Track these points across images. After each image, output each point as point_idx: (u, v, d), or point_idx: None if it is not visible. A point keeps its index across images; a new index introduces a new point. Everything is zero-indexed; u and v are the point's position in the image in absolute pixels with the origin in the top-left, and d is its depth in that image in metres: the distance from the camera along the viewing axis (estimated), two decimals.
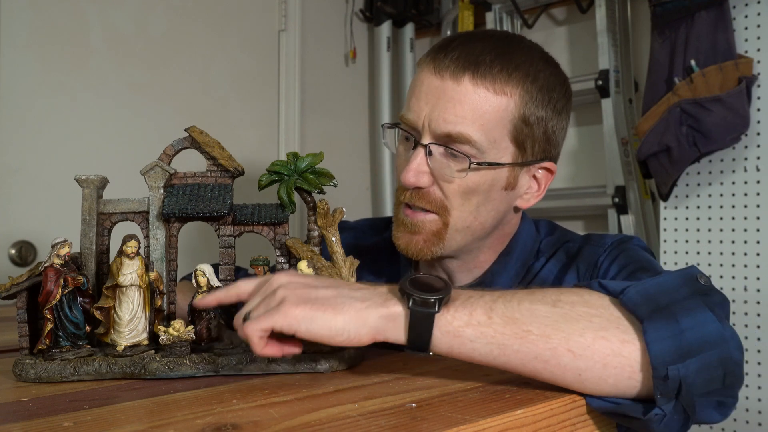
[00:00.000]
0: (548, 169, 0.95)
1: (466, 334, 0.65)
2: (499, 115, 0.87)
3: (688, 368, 0.61)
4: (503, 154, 0.89)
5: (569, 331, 0.64)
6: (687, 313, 0.63)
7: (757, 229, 1.63)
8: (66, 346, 0.71)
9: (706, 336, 0.63)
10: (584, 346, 0.63)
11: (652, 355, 0.61)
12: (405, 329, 0.65)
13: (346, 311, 0.65)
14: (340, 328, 0.65)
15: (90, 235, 0.77)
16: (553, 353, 0.63)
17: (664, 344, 0.62)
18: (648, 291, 0.66)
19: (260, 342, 0.66)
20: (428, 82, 0.89)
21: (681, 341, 0.62)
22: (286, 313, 0.64)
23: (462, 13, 2.25)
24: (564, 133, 0.96)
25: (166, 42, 1.99)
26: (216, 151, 0.80)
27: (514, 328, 0.64)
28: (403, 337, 0.66)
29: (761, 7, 1.62)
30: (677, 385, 0.61)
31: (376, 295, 0.67)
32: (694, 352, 0.61)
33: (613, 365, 0.63)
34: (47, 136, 1.75)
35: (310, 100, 2.32)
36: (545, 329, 0.64)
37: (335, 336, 0.65)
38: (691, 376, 0.61)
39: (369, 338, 0.66)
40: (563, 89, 0.94)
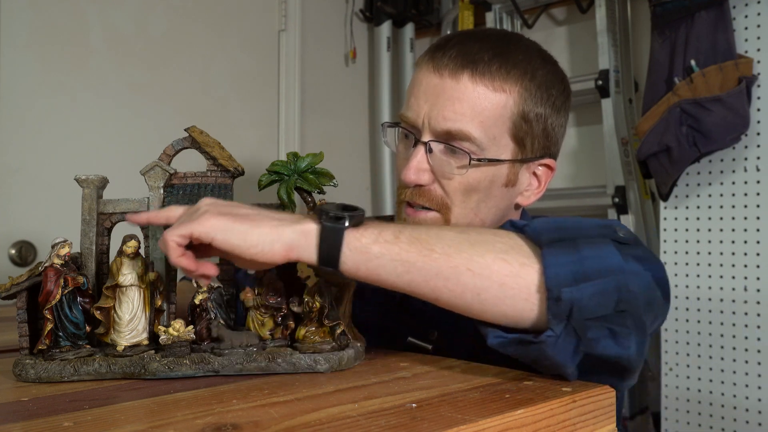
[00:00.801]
0: (548, 166, 0.95)
1: (372, 250, 0.67)
2: (498, 112, 0.88)
3: (582, 292, 0.64)
4: (503, 151, 0.90)
5: (471, 252, 0.67)
6: (590, 246, 0.67)
7: (757, 229, 1.63)
8: (66, 346, 0.71)
9: (606, 266, 0.66)
10: (484, 266, 0.66)
11: (547, 276, 0.64)
12: (316, 245, 0.67)
13: (262, 225, 0.67)
14: (255, 240, 0.66)
15: (90, 235, 0.77)
16: (454, 271, 0.66)
17: (560, 269, 0.65)
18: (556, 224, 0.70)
19: (176, 249, 0.67)
20: (427, 81, 0.90)
21: (578, 267, 0.65)
22: (204, 221, 0.66)
23: (462, 13, 2.25)
24: (563, 130, 0.97)
25: (166, 42, 1.99)
26: (216, 151, 0.79)
27: (419, 247, 0.67)
28: (314, 254, 0.68)
29: (761, 7, 1.62)
30: (569, 307, 0.64)
31: (294, 217, 0.70)
32: (590, 277, 0.64)
33: (510, 286, 0.66)
34: (47, 136, 1.75)
35: (310, 100, 2.32)
36: (448, 249, 0.67)
37: (249, 248, 0.66)
38: (584, 300, 0.64)
39: (282, 253, 0.67)
40: (562, 86, 0.95)
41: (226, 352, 0.72)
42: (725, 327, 1.67)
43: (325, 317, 0.74)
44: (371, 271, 0.68)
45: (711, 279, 1.70)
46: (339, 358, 0.73)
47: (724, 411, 1.66)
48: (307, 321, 0.74)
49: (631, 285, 0.66)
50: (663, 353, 1.77)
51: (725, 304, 1.67)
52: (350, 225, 0.67)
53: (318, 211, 0.68)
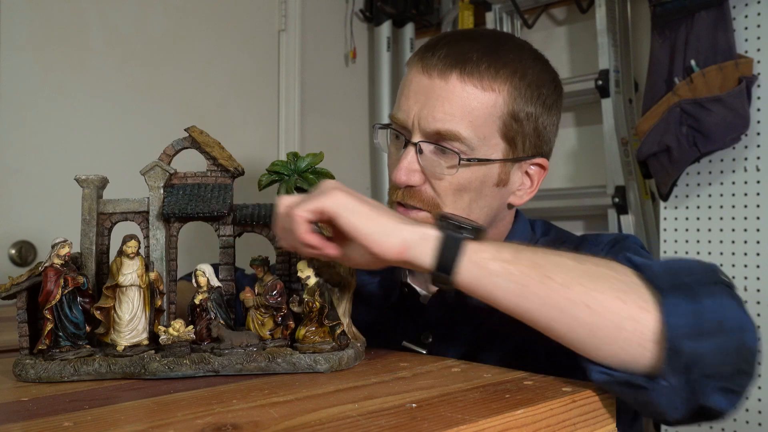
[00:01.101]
0: (540, 165, 0.95)
1: (491, 267, 0.66)
2: (487, 111, 0.88)
3: (703, 347, 0.61)
4: (493, 151, 0.90)
5: (590, 286, 0.64)
6: (709, 295, 0.64)
7: (757, 229, 1.63)
8: (66, 346, 0.71)
9: (727, 320, 0.63)
10: (601, 304, 0.64)
11: (668, 326, 0.61)
12: (434, 250, 0.67)
13: (386, 218, 0.68)
14: (376, 229, 0.67)
15: (90, 235, 0.77)
16: (570, 304, 0.64)
17: (681, 319, 0.62)
18: (672, 267, 0.67)
19: (305, 224, 0.68)
20: (417, 81, 0.90)
21: (699, 319, 0.62)
22: (334, 196, 0.67)
23: (462, 13, 2.25)
24: (555, 129, 0.97)
25: (166, 42, 1.99)
26: (216, 151, 0.80)
27: (538, 272, 0.65)
28: (430, 258, 0.67)
29: (761, 7, 1.62)
30: (688, 361, 0.61)
31: (415, 220, 0.71)
32: (712, 332, 0.61)
33: (626, 329, 0.63)
34: (47, 136, 1.75)
35: (310, 100, 2.32)
36: (567, 280, 0.65)
37: (369, 234, 0.67)
38: (705, 355, 0.61)
39: (396, 249, 0.67)
40: (553, 85, 0.95)
41: (226, 352, 0.72)
42: None
43: (325, 317, 0.74)
44: (485, 287, 0.67)
45: None
46: (339, 358, 0.73)
47: None
48: (307, 321, 0.74)
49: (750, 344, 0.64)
50: None
51: None
52: (471, 237, 0.67)
53: (440, 218, 0.68)
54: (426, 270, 0.68)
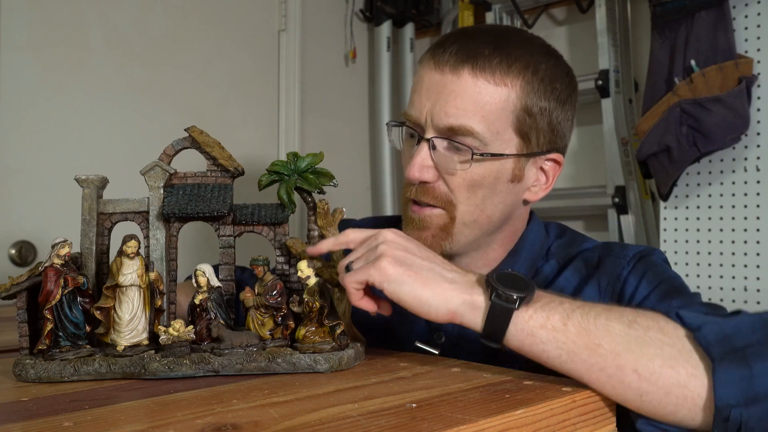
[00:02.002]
0: (556, 161, 0.94)
1: (539, 335, 0.67)
2: (500, 106, 0.87)
3: (751, 414, 0.61)
4: (507, 146, 0.89)
5: (639, 353, 0.65)
6: (761, 359, 0.64)
7: (757, 229, 1.63)
8: (66, 346, 0.71)
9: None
10: (651, 371, 0.64)
11: (717, 395, 0.62)
12: (482, 319, 0.68)
13: (434, 287, 0.70)
14: (423, 300, 0.69)
15: (90, 235, 0.77)
16: (619, 370, 0.65)
17: (731, 387, 0.62)
18: (724, 331, 0.66)
19: (357, 293, 0.73)
20: (429, 78, 0.90)
21: (749, 386, 0.62)
22: (382, 269, 0.70)
23: (462, 13, 2.25)
24: (570, 124, 0.96)
25: (166, 42, 1.99)
26: (216, 151, 0.80)
27: (587, 339, 0.66)
28: (479, 327, 0.69)
29: (761, 7, 1.62)
30: (737, 429, 0.62)
31: (465, 282, 0.71)
32: (761, 399, 0.62)
33: (675, 395, 0.64)
34: (47, 136, 1.75)
35: (310, 100, 2.32)
36: (616, 347, 0.65)
37: (417, 306, 0.70)
38: (753, 422, 0.61)
39: (446, 318, 0.70)
40: (567, 80, 0.94)
41: (226, 352, 0.72)
42: None
43: (325, 317, 0.74)
44: (535, 353, 0.68)
45: (711, 279, 1.70)
46: (339, 358, 0.73)
47: None
48: (307, 321, 0.74)
49: None
50: None
51: (725, 304, 1.67)
52: (520, 306, 0.67)
53: (489, 285, 0.69)
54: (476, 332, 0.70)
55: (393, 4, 2.39)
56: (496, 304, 0.67)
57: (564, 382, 0.67)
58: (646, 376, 0.64)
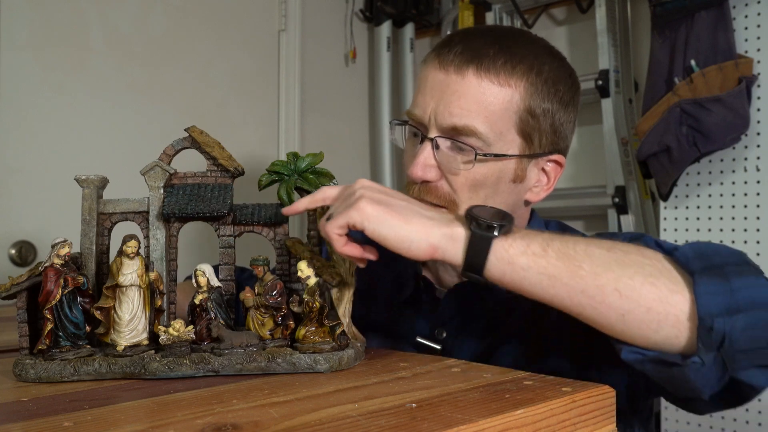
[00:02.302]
0: (557, 162, 0.95)
1: (520, 262, 0.68)
2: (504, 106, 0.88)
3: (735, 323, 0.62)
4: (510, 146, 0.89)
5: (619, 272, 0.66)
6: (739, 275, 0.65)
7: (757, 229, 1.63)
8: (66, 346, 0.71)
9: (758, 297, 0.64)
10: (631, 288, 0.65)
11: (700, 305, 0.63)
12: (463, 250, 0.69)
13: (413, 223, 0.70)
14: (404, 237, 0.69)
15: (90, 235, 0.77)
16: (600, 291, 0.65)
17: (713, 298, 0.63)
18: (702, 250, 0.68)
19: (339, 239, 0.72)
20: (433, 77, 0.90)
21: (731, 298, 0.63)
22: (361, 209, 0.70)
23: (462, 13, 2.25)
24: (572, 126, 0.96)
25: (166, 42, 1.99)
26: (216, 151, 0.80)
27: (567, 263, 0.67)
28: (460, 258, 0.69)
29: (761, 7, 1.62)
30: (720, 338, 0.62)
31: (444, 218, 0.72)
32: (743, 309, 0.63)
33: (657, 311, 0.64)
34: (47, 136, 1.75)
35: (310, 100, 2.32)
36: (596, 268, 0.66)
37: (398, 243, 0.69)
38: (737, 332, 0.62)
39: (427, 253, 0.69)
40: (570, 82, 0.94)
41: (226, 352, 0.72)
42: None
43: (325, 317, 0.74)
44: (515, 281, 0.68)
45: None
46: (339, 358, 0.73)
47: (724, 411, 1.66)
48: (307, 321, 0.74)
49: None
50: None
51: None
52: (499, 234, 0.68)
53: (468, 216, 0.69)
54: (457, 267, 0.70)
55: (393, 4, 2.39)
56: (476, 233, 0.68)
57: (564, 382, 0.67)
58: (627, 294, 0.65)
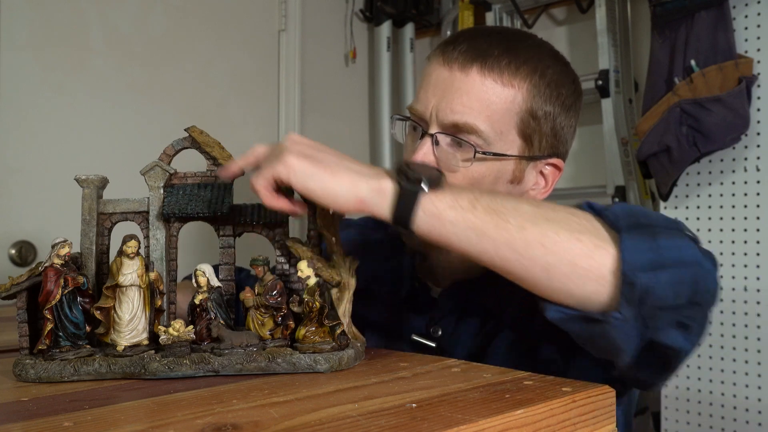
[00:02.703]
0: (556, 166, 0.95)
1: (447, 216, 0.67)
2: (506, 106, 0.88)
3: (658, 279, 0.63)
4: (510, 147, 0.90)
5: (545, 227, 0.66)
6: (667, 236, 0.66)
7: (757, 229, 1.63)
8: (66, 346, 0.71)
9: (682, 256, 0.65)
10: (556, 243, 0.65)
11: (624, 260, 0.63)
12: (391, 204, 0.68)
13: (341, 176, 0.69)
14: (331, 190, 0.68)
15: (90, 235, 0.77)
16: (525, 244, 0.66)
17: (637, 254, 0.63)
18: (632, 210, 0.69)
19: (267, 194, 0.71)
20: (437, 74, 0.90)
21: (655, 254, 0.64)
22: (287, 162, 0.69)
23: (462, 13, 2.25)
24: (573, 130, 0.97)
25: (166, 42, 1.99)
26: (216, 151, 0.80)
27: (495, 217, 0.67)
28: (387, 212, 0.69)
29: (761, 7, 1.62)
30: (642, 293, 0.62)
31: (372, 171, 0.71)
32: (666, 266, 0.63)
33: (581, 266, 0.65)
34: (47, 136, 1.75)
35: (310, 100, 2.32)
36: (523, 222, 0.66)
37: (325, 196, 0.69)
38: (659, 288, 0.63)
39: (354, 205, 0.69)
40: (572, 87, 0.95)
41: (226, 352, 0.72)
42: (725, 327, 1.67)
43: (325, 317, 0.74)
44: (443, 236, 0.68)
45: None
46: (339, 358, 0.73)
47: (724, 411, 1.66)
48: (307, 321, 0.74)
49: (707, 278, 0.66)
50: None
51: (725, 304, 1.67)
52: (428, 189, 0.68)
53: (397, 170, 0.69)
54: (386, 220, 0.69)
55: (393, 4, 2.39)
56: (404, 187, 0.68)
57: (564, 382, 0.67)
58: (551, 248, 0.65)
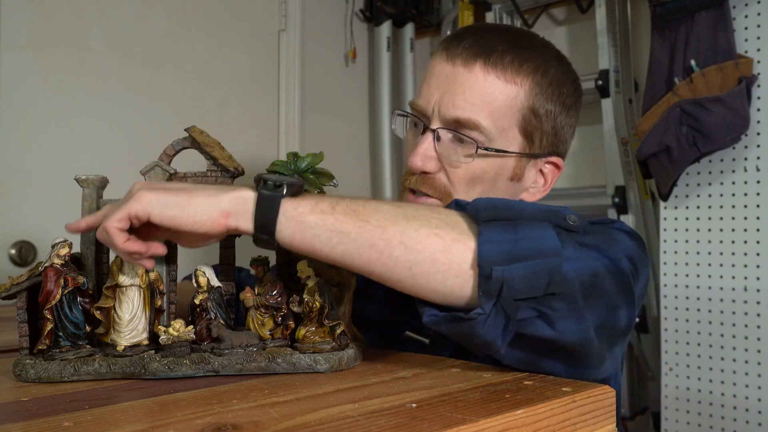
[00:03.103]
0: (555, 165, 0.95)
1: (308, 220, 0.67)
2: (508, 103, 0.88)
3: (513, 271, 0.63)
4: (511, 144, 0.90)
5: (405, 226, 0.66)
6: (528, 227, 0.66)
7: (757, 229, 1.63)
8: (66, 346, 0.71)
9: (541, 248, 0.65)
10: (417, 240, 0.65)
11: (479, 254, 0.63)
12: (251, 213, 0.67)
13: (198, 196, 0.67)
14: (192, 210, 0.66)
15: (90, 235, 0.77)
16: (386, 244, 0.66)
17: (494, 246, 0.64)
18: (496, 204, 0.69)
19: (120, 235, 0.66)
20: (440, 69, 0.90)
21: (513, 247, 0.64)
22: (140, 197, 0.66)
23: (462, 13, 2.25)
24: (573, 130, 0.97)
25: (166, 42, 1.99)
26: (216, 151, 0.79)
27: (355, 219, 0.66)
28: (250, 222, 0.67)
29: (761, 7, 1.62)
30: (499, 286, 0.63)
31: (231, 186, 0.70)
32: (522, 258, 0.63)
33: (441, 261, 0.65)
34: (47, 136, 1.75)
35: (310, 100, 2.32)
36: (383, 222, 0.66)
37: (187, 218, 0.66)
38: (514, 280, 0.63)
39: (220, 221, 0.67)
40: (573, 86, 0.95)
41: (226, 352, 0.72)
42: (725, 327, 1.67)
43: (325, 317, 0.74)
44: (306, 241, 0.67)
45: (711, 279, 1.70)
46: (339, 358, 0.73)
47: (724, 411, 1.66)
48: (307, 321, 0.74)
49: (564, 269, 0.65)
50: (663, 353, 1.77)
51: (725, 304, 1.67)
52: (287, 194, 0.67)
53: (256, 179, 0.68)
54: (250, 234, 0.68)
55: (393, 4, 2.39)
56: (263, 194, 0.67)
57: (564, 382, 0.67)
58: (411, 246, 0.65)
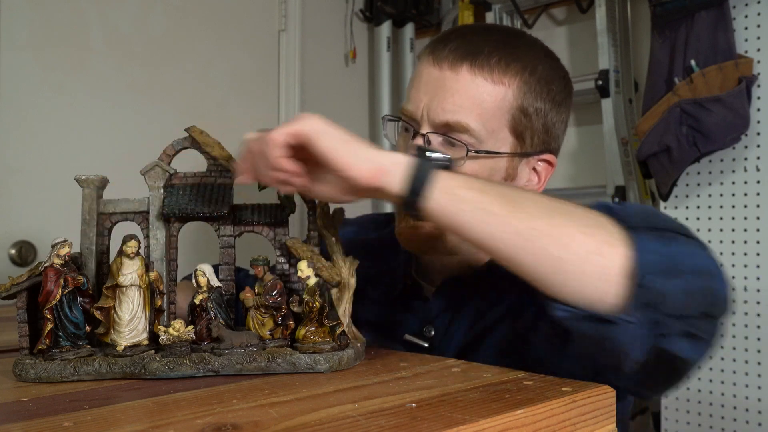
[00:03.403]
0: (548, 162, 0.95)
1: (460, 194, 0.66)
2: (497, 104, 0.88)
3: (670, 286, 0.61)
4: (502, 144, 0.89)
5: (557, 219, 0.65)
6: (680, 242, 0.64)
7: (757, 229, 1.63)
8: (66, 346, 0.71)
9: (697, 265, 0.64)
10: (567, 236, 0.64)
11: (638, 262, 0.61)
12: (405, 176, 0.67)
13: (363, 145, 0.69)
14: (352, 150, 0.67)
15: (90, 235, 0.77)
16: (536, 233, 0.64)
17: (651, 256, 0.62)
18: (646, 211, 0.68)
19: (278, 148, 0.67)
20: (427, 73, 0.90)
21: (668, 259, 0.62)
22: (312, 121, 0.67)
23: (462, 13, 2.25)
24: (564, 126, 0.97)
25: (166, 42, 1.99)
26: (216, 151, 0.80)
27: (507, 201, 0.66)
28: (400, 185, 0.67)
29: (761, 7, 1.62)
30: (653, 298, 0.61)
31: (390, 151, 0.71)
32: (679, 273, 0.62)
33: (591, 262, 0.63)
34: (47, 136, 1.75)
35: (310, 100, 2.32)
36: (535, 211, 0.66)
37: (344, 155, 0.67)
38: (670, 294, 0.61)
39: (369, 174, 0.67)
40: (563, 83, 0.95)
41: (226, 352, 0.72)
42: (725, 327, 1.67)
43: (325, 317, 0.74)
44: (453, 214, 0.67)
45: None
46: (339, 358, 0.73)
47: (724, 411, 1.66)
48: (307, 321, 0.74)
49: (720, 289, 0.64)
50: None
51: None
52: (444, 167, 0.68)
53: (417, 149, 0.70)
54: (396, 197, 0.68)
55: (393, 4, 2.39)
56: (420, 161, 0.68)
57: (564, 382, 0.67)
58: (561, 240, 0.64)
